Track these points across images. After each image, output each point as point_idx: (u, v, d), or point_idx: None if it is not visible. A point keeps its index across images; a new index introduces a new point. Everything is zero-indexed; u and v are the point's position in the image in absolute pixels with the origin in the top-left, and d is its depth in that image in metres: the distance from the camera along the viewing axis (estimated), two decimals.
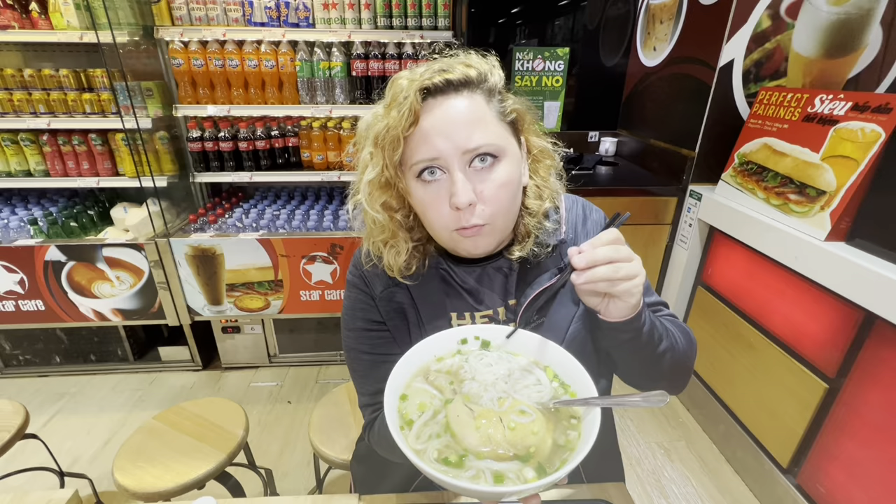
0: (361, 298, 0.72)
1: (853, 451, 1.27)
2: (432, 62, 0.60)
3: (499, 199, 0.59)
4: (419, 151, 0.57)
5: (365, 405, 0.76)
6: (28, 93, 1.90)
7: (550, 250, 0.68)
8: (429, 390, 0.56)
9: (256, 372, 2.31)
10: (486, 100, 0.59)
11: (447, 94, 0.57)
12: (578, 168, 2.38)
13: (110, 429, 1.94)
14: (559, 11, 3.10)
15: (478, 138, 0.57)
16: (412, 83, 0.56)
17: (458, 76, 0.57)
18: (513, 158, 0.61)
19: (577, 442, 0.49)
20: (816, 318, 1.37)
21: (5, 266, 1.88)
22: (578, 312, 0.68)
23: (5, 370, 2.25)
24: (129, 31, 1.78)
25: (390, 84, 0.60)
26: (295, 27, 1.88)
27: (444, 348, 0.62)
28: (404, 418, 0.53)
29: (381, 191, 0.63)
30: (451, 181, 0.57)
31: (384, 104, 0.60)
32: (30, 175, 2.01)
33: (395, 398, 0.54)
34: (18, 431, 1.27)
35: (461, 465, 0.48)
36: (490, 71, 0.61)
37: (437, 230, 0.63)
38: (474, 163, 0.58)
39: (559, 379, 0.58)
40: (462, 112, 0.57)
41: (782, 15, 1.68)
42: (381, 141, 0.58)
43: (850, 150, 1.30)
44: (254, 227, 2.00)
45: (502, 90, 0.63)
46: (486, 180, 0.59)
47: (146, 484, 1.08)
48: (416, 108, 0.55)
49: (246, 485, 1.35)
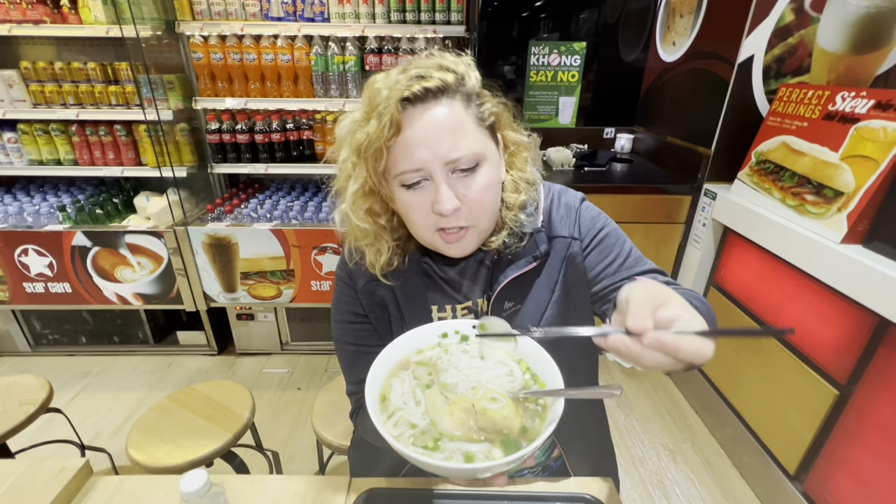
0: (346, 292, 0.74)
1: (862, 459, 1.24)
2: (407, 65, 0.60)
3: (481, 201, 0.61)
4: (402, 162, 0.58)
5: (351, 393, 0.79)
6: (59, 85, 1.99)
7: (525, 241, 0.69)
8: (408, 380, 0.59)
9: (269, 358, 2.38)
10: (465, 106, 0.59)
11: (426, 102, 0.57)
12: (591, 165, 2.35)
13: (130, 407, 2.03)
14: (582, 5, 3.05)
15: (459, 148, 0.57)
16: (391, 93, 0.55)
17: (436, 83, 0.56)
18: (492, 160, 0.62)
19: (541, 426, 0.53)
20: (829, 323, 1.34)
21: (36, 250, 1.99)
22: (554, 298, 0.70)
23: (36, 348, 2.38)
24: (152, 26, 1.84)
25: (366, 87, 0.60)
26: (310, 22, 1.91)
27: (424, 341, 0.64)
28: (385, 406, 0.57)
29: (364, 198, 0.64)
30: (435, 189, 0.59)
31: (362, 109, 0.60)
32: (59, 164, 2.11)
33: (376, 388, 0.57)
34: (43, 405, 1.35)
35: (436, 448, 0.52)
36: (466, 73, 0.60)
37: (421, 232, 0.64)
38: (456, 171, 0.59)
39: (531, 371, 0.61)
40: (442, 122, 0.57)
41: (807, 9, 1.62)
42: (364, 153, 0.58)
43: (871, 150, 1.26)
44: (268, 217, 2.05)
45: (479, 92, 0.62)
46: (468, 185, 0.60)
47: (157, 459, 1.14)
48: (396, 118, 0.55)
49: (253, 465, 1.41)
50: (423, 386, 0.58)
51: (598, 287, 0.71)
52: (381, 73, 0.61)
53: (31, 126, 2.04)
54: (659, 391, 2.14)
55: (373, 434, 0.74)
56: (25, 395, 1.37)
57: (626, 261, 0.70)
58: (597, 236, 0.71)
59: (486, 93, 0.64)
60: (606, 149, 2.66)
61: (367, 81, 0.61)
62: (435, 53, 0.63)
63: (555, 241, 0.71)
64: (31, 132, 2.05)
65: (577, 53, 2.53)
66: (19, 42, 2.13)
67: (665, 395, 2.12)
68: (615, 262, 0.70)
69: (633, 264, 0.70)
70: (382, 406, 0.56)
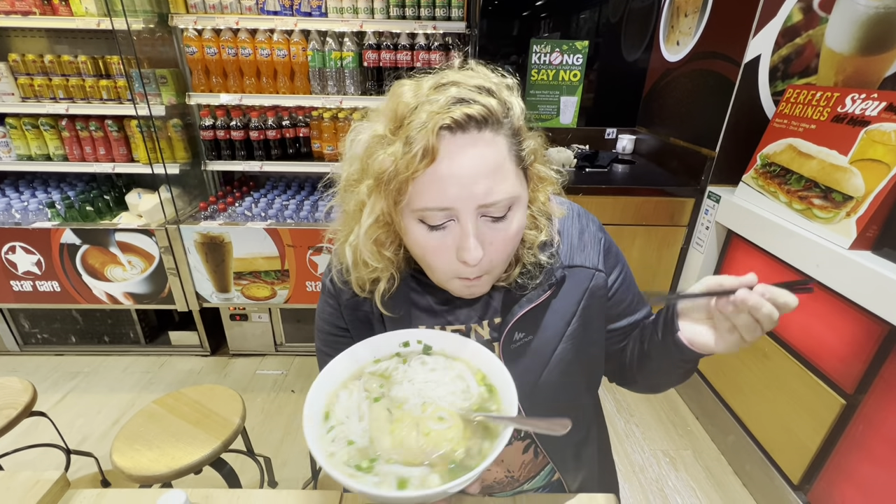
0: (330, 303, 0.70)
1: (869, 470, 1.21)
2: (442, 79, 0.51)
3: (506, 250, 0.55)
4: (429, 197, 0.49)
5: None
6: (48, 78, 1.94)
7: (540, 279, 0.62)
8: (356, 393, 0.56)
9: (263, 360, 2.34)
10: (509, 144, 0.51)
11: (468, 131, 0.48)
12: (593, 166, 2.31)
13: (120, 409, 1.99)
14: (584, 3, 3.01)
15: (497, 193, 0.50)
16: (429, 119, 0.47)
17: (480, 111, 0.48)
18: (523, 203, 0.55)
19: (489, 452, 0.48)
20: (836, 331, 1.30)
21: (24, 247, 1.94)
22: (568, 332, 0.64)
23: (24, 348, 2.33)
24: (144, 19, 1.80)
25: (391, 95, 0.52)
26: (307, 16, 1.87)
27: (383, 350, 0.61)
28: (327, 419, 0.53)
29: (375, 229, 0.56)
30: (462, 234, 0.51)
31: (384, 121, 0.52)
32: (49, 159, 2.06)
33: (322, 398, 0.54)
34: (25, 409, 1.31)
35: (370, 470, 0.48)
36: (510, 101, 0.52)
37: (438, 276, 0.58)
38: (487, 216, 0.52)
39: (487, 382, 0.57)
40: (483, 159, 0.49)
41: (815, 8, 1.59)
42: (387, 184, 0.50)
43: (882, 154, 1.22)
44: (262, 216, 2.01)
45: (521, 126, 0.54)
46: (496, 230, 0.53)
47: (142, 467, 1.10)
48: (433, 146, 0.47)
49: (244, 472, 1.37)
50: (371, 399, 0.55)
51: (621, 324, 0.71)
52: (408, 78, 0.53)
53: (19, 120, 1.99)
54: (659, 397, 2.10)
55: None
56: (7, 398, 1.32)
57: (637, 305, 0.72)
58: (623, 271, 0.69)
59: (526, 127, 0.55)
60: (608, 149, 2.62)
61: (393, 87, 0.53)
62: (473, 67, 0.54)
63: (574, 270, 0.64)
64: (19, 126, 2.00)
65: (580, 52, 2.49)
66: (8, 34, 2.08)
67: (665, 400, 2.08)
68: (634, 299, 0.71)
69: (637, 308, 0.72)
70: (324, 419, 0.53)
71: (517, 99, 0.54)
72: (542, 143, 0.59)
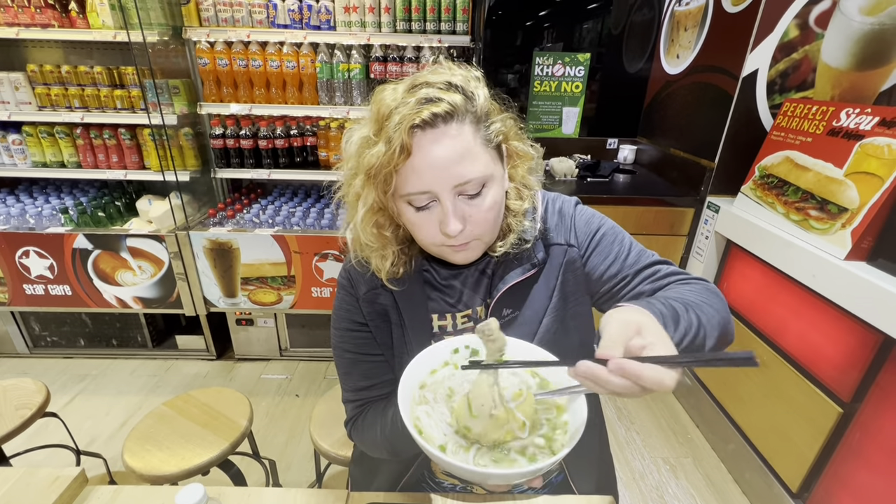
0: (347, 299, 0.75)
1: (866, 478, 1.22)
2: (415, 81, 0.60)
3: (486, 220, 0.62)
4: (410, 184, 0.59)
5: (347, 401, 0.78)
6: (65, 88, 2.00)
7: (529, 245, 0.69)
8: (434, 413, 0.62)
9: (268, 364, 2.37)
10: (474, 130, 0.59)
11: (436, 126, 0.57)
12: (594, 176, 2.35)
13: (127, 411, 2.02)
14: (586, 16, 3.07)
15: (467, 174, 0.58)
16: (402, 119, 0.55)
17: (445, 108, 0.56)
18: (498, 178, 0.63)
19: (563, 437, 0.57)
20: (833, 340, 1.32)
21: (37, 252, 1.99)
22: (551, 306, 0.70)
23: (34, 350, 2.37)
24: (159, 32, 1.86)
25: (374, 100, 0.60)
26: (316, 30, 1.92)
27: (438, 359, 0.67)
28: (417, 427, 0.59)
29: (371, 214, 0.65)
30: (442, 212, 0.60)
31: (369, 124, 0.60)
32: (63, 166, 2.12)
33: (406, 411, 0.58)
34: (39, 409, 1.34)
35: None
36: (475, 91, 0.60)
37: (427, 245, 0.66)
38: (463, 194, 0.61)
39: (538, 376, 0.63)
40: (451, 148, 0.57)
41: (811, 24, 1.63)
42: (374, 177, 0.60)
43: (875, 167, 1.25)
44: (270, 223, 2.05)
45: (489, 110, 0.62)
46: (474, 206, 0.61)
47: (152, 467, 1.13)
48: (407, 144, 0.56)
49: (249, 474, 1.39)
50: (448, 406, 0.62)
51: (606, 287, 0.71)
52: (388, 84, 0.61)
53: (35, 128, 2.05)
54: (660, 404, 2.12)
55: (372, 443, 0.74)
56: (22, 399, 1.36)
57: (629, 256, 0.70)
58: (593, 239, 0.72)
59: (494, 108, 0.64)
60: (609, 160, 2.66)
61: (375, 92, 0.61)
62: (442, 63, 0.63)
63: (551, 248, 0.72)
64: (35, 134, 2.05)
65: (581, 64, 2.54)
66: (27, 45, 2.15)
67: (666, 408, 2.10)
68: (618, 260, 0.70)
69: (637, 259, 0.70)
70: (424, 438, 0.58)
71: (483, 89, 0.62)
72: (513, 123, 0.66)
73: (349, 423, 0.78)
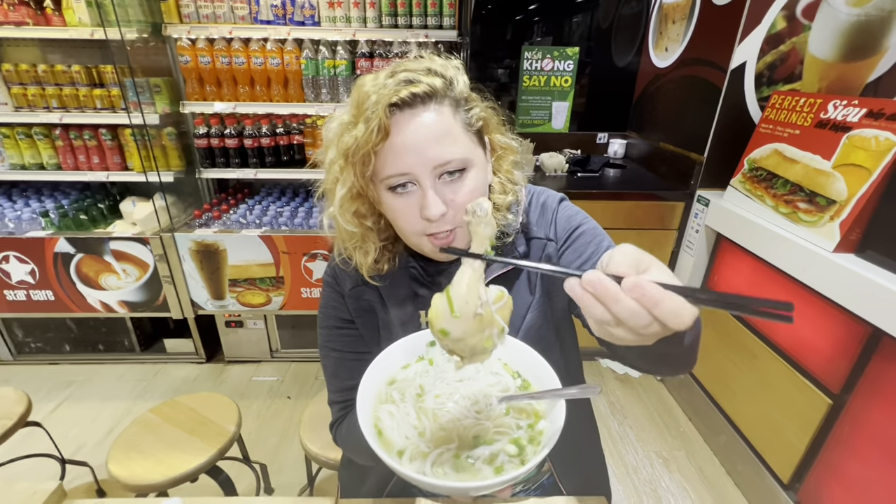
0: (333, 297, 0.74)
1: (856, 469, 1.23)
2: (396, 68, 0.59)
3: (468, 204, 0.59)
4: (389, 167, 0.58)
5: (333, 402, 0.77)
6: (42, 88, 1.95)
7: (511, 238, 0.69)
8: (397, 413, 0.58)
9: (258, 366, 2.34)
10: (453, 111, 0.59)
11: (414, 107, 0.57)
12: (585, 170, 2.34)
13: (114, 418, 1.98)
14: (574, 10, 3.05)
15: (447, 154, 0.57)
16: (380, 98, 0.55)
17: (424, 88, 0.56)
18: (480, 165, 0.62)
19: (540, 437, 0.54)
20: (822, 332, 1.33)
21: (17, 257, 1.94)
22: (535, 301, 0.69)
23: (18, 357, 2.32)
24: (138, 28, 1.81)
25: (354, 89, 0.59)
26: (300, 25, 1.88)
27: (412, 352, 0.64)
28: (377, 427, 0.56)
29: (351, 201, 0.63)
30: (423, 195, 0.58)
31: (349, 112, 0.60)
32: (42, 168, 2.06)
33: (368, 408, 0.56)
34: (20, 419, 1.31)
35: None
36: (455, 77, 0.60)
37: (408, 235, 0.64)
38: (444, 176, 0.59)
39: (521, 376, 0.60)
40: (430, 128, 0.57)
41: (798, 16, 1.62)
42: (352, 157, 0.58)
43: (863, 159, 1.25)
44: (257, 223, 2.02)
45: (468, 96, 0.62)
46: (455, 190, 0.60)
47: (137, 476, 1.11)
48: (385, 124, 0.55)
49: (240, 479, 1.37)
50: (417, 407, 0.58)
51: None
52: (369, 74, 0.60)
53: (12, 130, 1.99)
54: (652, 397, 2.12)
55: (354, 449, 0.72)
56: (2, 409, 1.32)
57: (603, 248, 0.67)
58: (572, 235, 0.70)
59: (474, 97, 0.64)
60: (599, 154, 2.65)
61: (356, 83, 0.60)
62: (424, 56, 0.62)
63: (532, 242, 0.71)
64: (12, 136, 2.00)
65: (570, 58, 2.52)
66: (1, 44, 2.08)
67: (658, 401, 2.10)
68: (590, 261, 0.66)
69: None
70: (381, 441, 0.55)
71: (463, 76, 0.62)
72: (493, 112, 0.66)
73: (333, 427, 0.77)
